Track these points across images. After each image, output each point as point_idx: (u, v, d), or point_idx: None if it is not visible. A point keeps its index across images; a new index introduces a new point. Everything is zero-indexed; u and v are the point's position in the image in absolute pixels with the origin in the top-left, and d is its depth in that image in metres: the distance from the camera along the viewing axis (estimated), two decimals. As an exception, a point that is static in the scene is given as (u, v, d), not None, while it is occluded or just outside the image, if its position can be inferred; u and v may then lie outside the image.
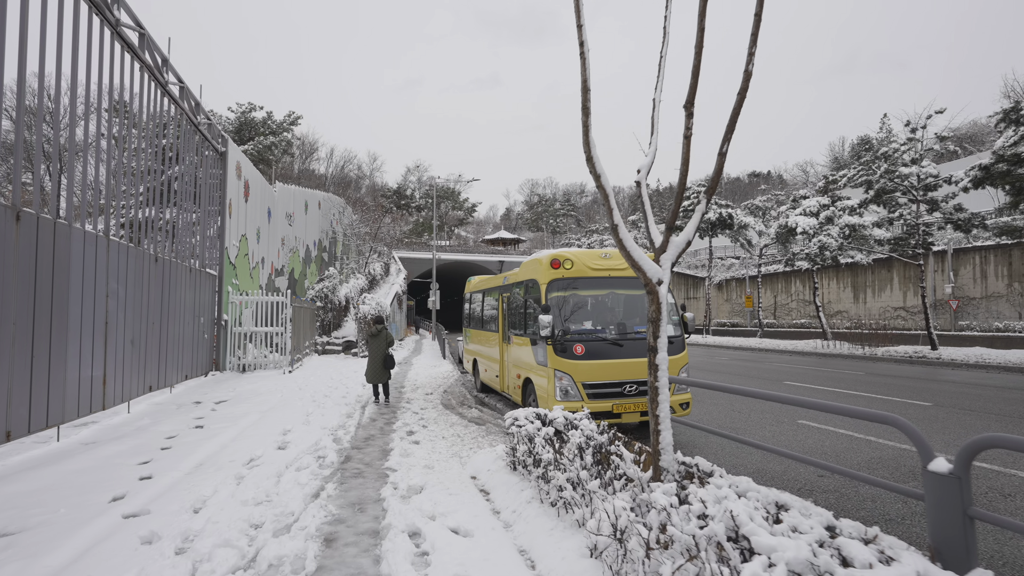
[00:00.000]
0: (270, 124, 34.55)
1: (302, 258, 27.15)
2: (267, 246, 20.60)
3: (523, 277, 9.27)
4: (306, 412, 9.34)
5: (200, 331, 13.57)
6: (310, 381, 13.72)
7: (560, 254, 8.36)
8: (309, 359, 18.91)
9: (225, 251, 15.23)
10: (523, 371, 9.06)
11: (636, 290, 8.58)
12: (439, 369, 17.75)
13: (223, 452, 6.49)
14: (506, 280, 10.56)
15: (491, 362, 11.51)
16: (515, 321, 9.69)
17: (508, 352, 10.15)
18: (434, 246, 39.01)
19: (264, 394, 11.49)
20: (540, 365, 8.20)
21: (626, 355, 7.85)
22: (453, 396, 12.44)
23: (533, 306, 8.75)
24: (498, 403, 11.58)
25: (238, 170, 16.34)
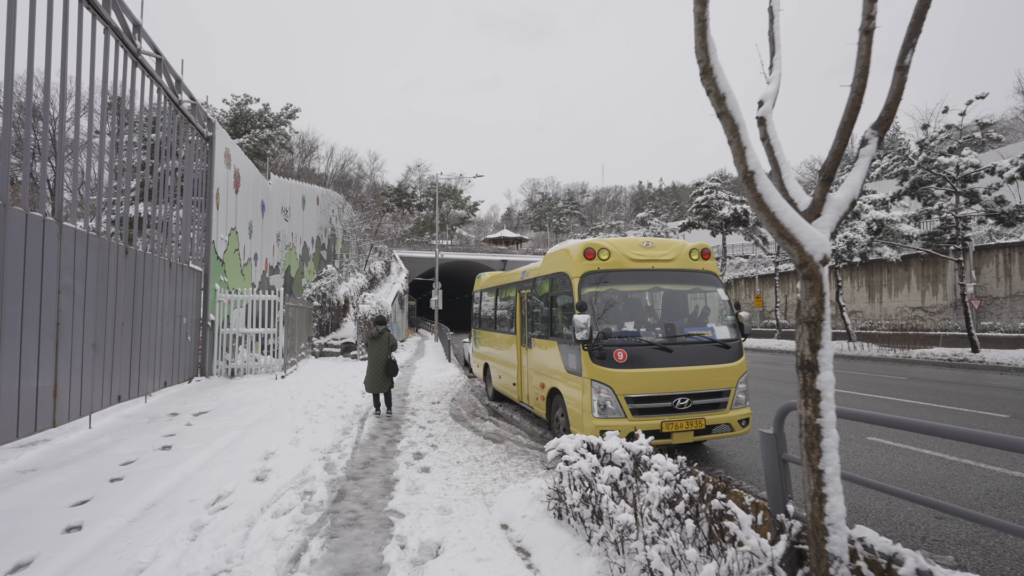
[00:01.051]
0: (267, 117, 33.22)
1: (299, 255, 25.86)
2: (260, 242, 19.31)
3: (548, 271, 7.97)
4: (296, 427, 8.05)
5: (182, 333, 12.28)
6: (304, 388, 12.42)
7: (595, 243, 7.06)
8: (305, 362, 17.63)
9: (212, 245, 13.94)
10: (548, 380, 7.77)
11: (684, 285, 7.28)
12: (445, 373, 16.45)
13: (186, 486, 5.19)
14: (525, 275, 9.26)
15: (506, 368, 10.21)
16: (537, 322, 8.39)
17: (528, 357, 8.86)
18: (437, 244, 37.73)
19: (251, 404, 10.20)
20: (572, 374, 6.90)
21: (676, 362, 6.56)
22: (462, 405, 11.15)
23: (561, 304, 7.46)
24: (514, 414, 10.28)
25: (227, 157, 15.06)
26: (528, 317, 8.95)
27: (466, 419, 9.66)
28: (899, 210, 22.18)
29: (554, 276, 7.70)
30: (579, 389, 6.67)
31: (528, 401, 8.93)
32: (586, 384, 6.50)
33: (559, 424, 7.45)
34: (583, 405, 6.55)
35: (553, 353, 7.55)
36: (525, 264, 11.09)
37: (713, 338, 6.90)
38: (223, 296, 14.21)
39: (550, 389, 7.72)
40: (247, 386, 12.41)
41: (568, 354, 7.03)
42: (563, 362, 7.18)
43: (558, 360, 7.36)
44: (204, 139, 13.79)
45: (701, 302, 7.35)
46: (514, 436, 8.30)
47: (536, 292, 8.52)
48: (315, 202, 29.87)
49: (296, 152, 62.88)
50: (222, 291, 14.33)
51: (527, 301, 9.05)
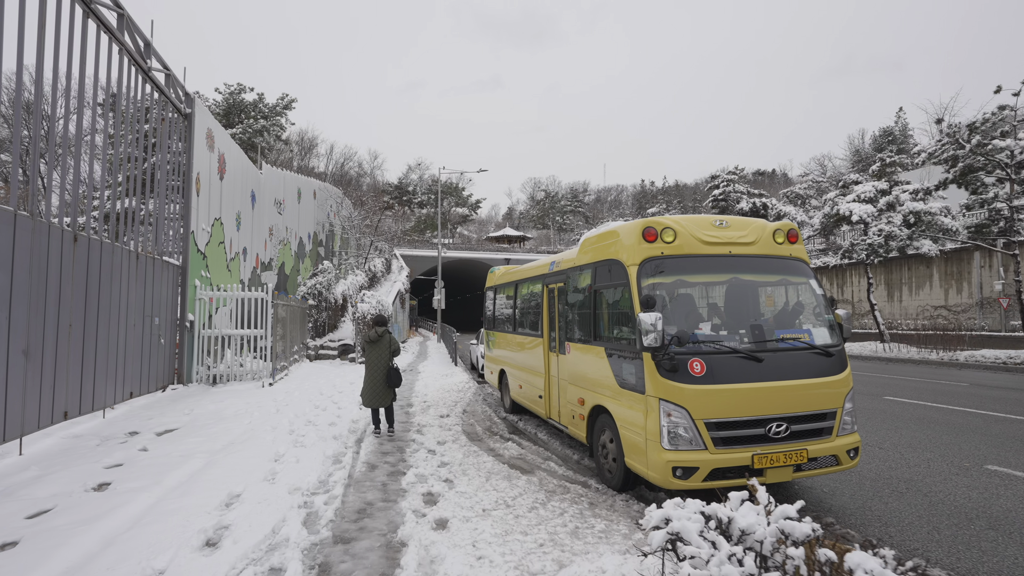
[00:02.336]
0: (261, 107, 31.60)
1: (294, 252, 24.31)
2: (250, 235, 17.75)
3: (590, 259, 6.39)
4: (275, 454, 6.48)
5: (154, 335, 10.72)
6: (294, 397, 10.86)
7: (656, 221, 5.48)
8: (298, 366, 16.06)
9: (191, 236, 12.38)
10: (590, 395, 6.20)
11: (769, 275, 5.71)
12: (452, 379, 14.88)
13: (99, 560, 3.63)
14: (555, 266, 7.69)
15: (528, 376, 8.65)
16: (574, 323, 6.82)
17: (560, 366, 7.29)
18: (439, 241, 36.20)
19: (228, 419, 8.63)
20: (628, 390, 5.34)
21: (768, 375, 4.99)
22: (476, 419, 9.58)
23: (611, 300, 5.89)
24: (539, 430, 8.71)
25: (209, 139, 13.50)
26: (560, 317, 7.38)
27: (483, 438, 8.10)
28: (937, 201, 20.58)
29: (599, 265, 6.13)
30: (640, 410, 5.11)
31: (560, 419, 7.36)
32: (652, 404, 4.93)
33: (606, 452, 5.89)
34: (647, 432, 4.98)
35: (598, 362, 5.99)
36: (529, 262, 9.53)
37: (811, 343, 5.33)
38: (204, 293, 12.65)
39: (593, 407, 6.16)
40: (228, 395, 10.85)
41: (622, 364, 5.47)
42: (614, 374, 5.62)
43: (606, 371, 5.80)
44: (182, 116, 12.23)
45: (791, 297, 5.78)
46: (545, 463, 6.74)
47: (572, 286, 6.95)
48: (312, 196, 28.32)
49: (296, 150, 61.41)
50: (203, 288, 12.77)
51: (558, 298, 7.49)
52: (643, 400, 5.06)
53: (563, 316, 7.25)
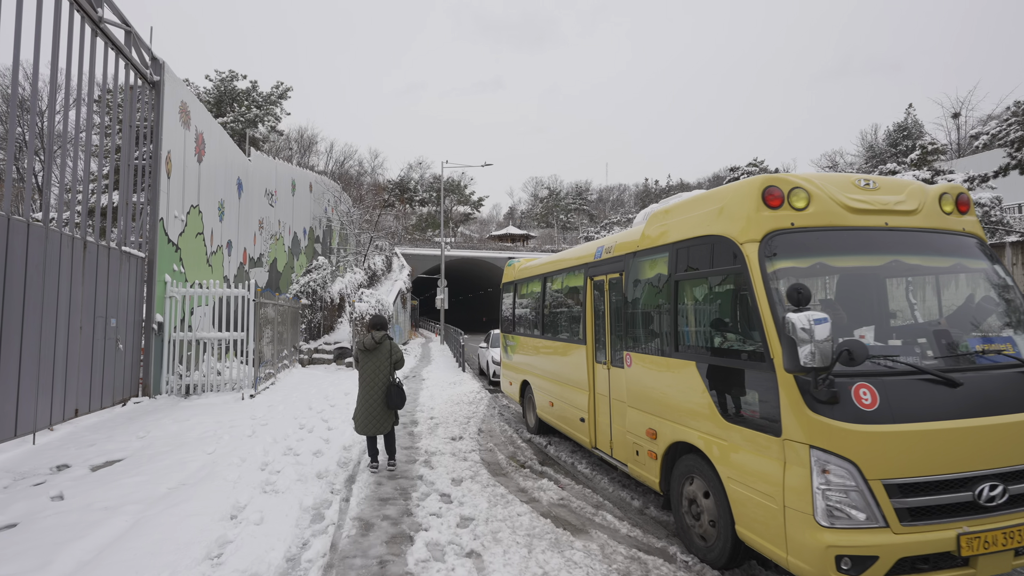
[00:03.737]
0: (255, 96, 29.84)
1: (288, 247, 22.60)
2: (236, 227, 16.03)
3: (669, 236, 4.62)
4: (234, 505, 4.75)
5: (109, 339, 9.00)
6: (276, 413, 9.13)
7: (781, 179, 3.74)
8: (288, 373, 14.33)
9: (160, 224, 10.65)
10: (669, 427, 4.47)
11: (939, 258, 3.97)
12: (460, 388, 13.14)
13: None
14: (603, 252, 5.95)
15: (564, 392, 6.92)
16: (639, 326, 5.08)
17: (616, 382, 5.56)
18: (443, 238, 34.52)
19: (188, 446, 6.90)
20: (743, 427, 3.61)
21: (970, 408, 3.25)
22: (495, 442, 7.85)
23: (711, 294, 4.16)
24: (575, 457, 6.96)
25: (183, 113, 11.77)
26: (614, 318, 5.65)
27: (508, 472, 6.37)
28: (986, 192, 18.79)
29: (684, 247, 4.38)
30: (769, 460, 3.37)
31: (613, 452, 5.63)
32: (795, 454, 3.20)
33: (696, 511, 4.15)
34: (785, 495, 3.25)
35: (683, 382, 4.25)
36: (558, 252, 7.82)
37: (1019, 357, 3.59)
38: (176, 290, 10.92)
39: (672, 444, 4.43)
40: (199, 411, 9.12)
41: (732, 387, 3.74)
42: (715, 401, 3.88)
43: (698, 395, 4.06)
44: (147, 84, 10.50)
45: (971, 289, 4.03)
46: (598, 513, 5.00)
47: (633, 277, 5.20)
48: (307, 188, 26.64)
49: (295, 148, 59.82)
50: (175, 284, 11.05)
51: (610, 293, 5.75)
52: (775, 446, 3.32)
53: (618, 317, 5.51)
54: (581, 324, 6.40)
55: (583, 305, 6.36)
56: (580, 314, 6.50)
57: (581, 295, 6.46)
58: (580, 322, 6.48)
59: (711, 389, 3.94)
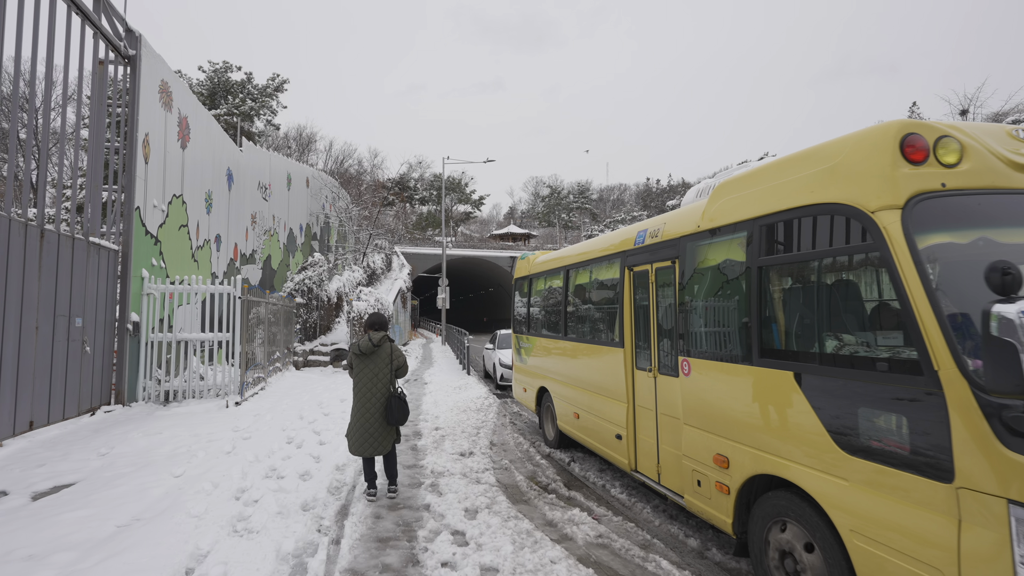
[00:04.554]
0: (250, 89, 28.79)
1: (283, 244, 21.62)
2: (226, 220, 15.03)
3: (749, 210, 3.59)
4: (193, 554, 3.75)
5: (74, 341, 8.00)
6: (263, 424, 8.14)
7: (924, 125, 2.75)
8: (280, 376, 13.33)
9: (137, 213, 9.66)
10: (748, 454, 3.47)
11: None
12: (466, 393, 12.15)
13: None
14: (647, 236, 4.94)
15: (594, 402, 5.93)
16: (701, 324, 4.07)
17: (667, 394, 4.57)
18: (444, 237, 33.52)
19: (155, 465, 5.91)
20: (879, 463, 2.61)
21: None
22: (510, 458, 6.86)
23: (824, 281, 3.15)
24: (603, 476, 5.96)
25: (164, 93, 10.77)
26: (663, 316, 4.66)
27: (530, 498, 5.38)
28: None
29: (770, 223, 3.39)
30: (936, 515, 2.38)
31: (662, 478, 4.63)
32: (983, 509, 2.20)
33: (797, 569, 3.15)
34: (964, 571, 2.25)
35: (777, 396, 3.26)
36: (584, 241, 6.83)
37: None
38: (155, 287, 9.92)
39: (754, 477, 3.44)
40: (176, 422, 8.12)
41: (859, 409, 2.74)
42: (827, 426, 2.89)
43: (800, 415, 3.07)
44: (122, 58, 9.50)
45: None
46: (649, 559, 4.01)
47: (691, 266, 4.20)
48: (304, 183, 25.64)
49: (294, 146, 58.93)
50: (154, 280, 10.04)
51: (657, 285, 4.76)
52: (943, 496, 2.33)
53: (670, 315, 4.52)
54: (617, 323, 5.41)
55: (620, 301, 5.36)
56: (616, 311, 5.51)
57: (617, 289, 5.46)
58: (616, 321, 5.48)
59: (821, 408, 2.94)
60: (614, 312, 5.58)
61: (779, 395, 3.23)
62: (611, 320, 5.68)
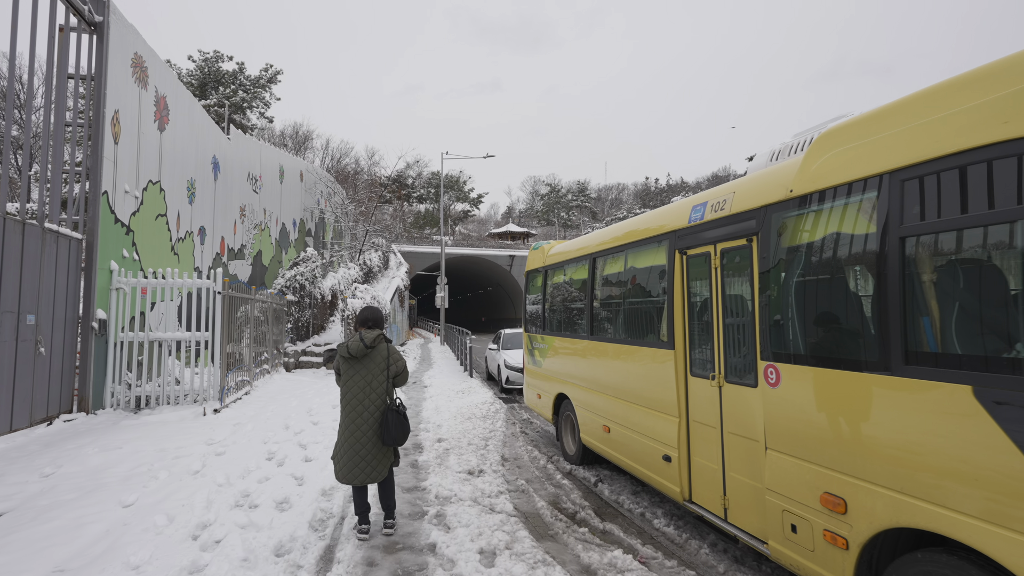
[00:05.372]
0: (242, 79, 27.73)
1: (275, 239, 20.60)
2: (212, 212, 14.02)
3: (882, 162, 2.58)
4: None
5: (27, 340, 7.00)
6: (242, 436, 7.14)
7: None
8: (268, 380, 12.32)
9: (104, 198, 8.65)
10: (886, 501, 2.48)
11: None
12: (470, 398, 11.16)
13: None
14: (710, 210, 3.95)
15: (631, 413, 4.96)
16: (801, 321, 3.07)
17: (734, 408, 3.61)
18: (442, 235, 32.54)
19: (105, 489, 4.92)
20: None
21: None
22: (527, 477, 5.88)
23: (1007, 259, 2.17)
24: (638, 503, 4.97)
25: (138, 68, 9.76)
26: (733, 308, 3.69)
27: (557, 532, 4.41)
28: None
29: (919, 176, 2.41)
30: None
31: (729, 514, 3.65)
32: None
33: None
34: None
35: (940, 420, 2.27)
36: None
37: None
38: (125, 281, 8.91)
39: (890, 530, 2.46)
40: (142, 433, 7.12)
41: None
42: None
43: (985, 450, 2.09)
44: (86, 24, 8.49)
45: None
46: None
47: (783, 242, 3.20)
48: (298, 177, 24.62)
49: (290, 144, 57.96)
50: (124, 273, 9.03)
51: (724, 272, 3.79)
52: None
53: (744, 307, 3.55)
54: (664, 319, 4.43)
55: (668, 292, 4.38)
56: (662, 305, 4.53)
57: (664, 278, 4.48)
58: (661, 317, 4.51)
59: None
60: (659, 306, 4.60)
61: (944, 417, 2.25)
62: (654, 316, 4.70)
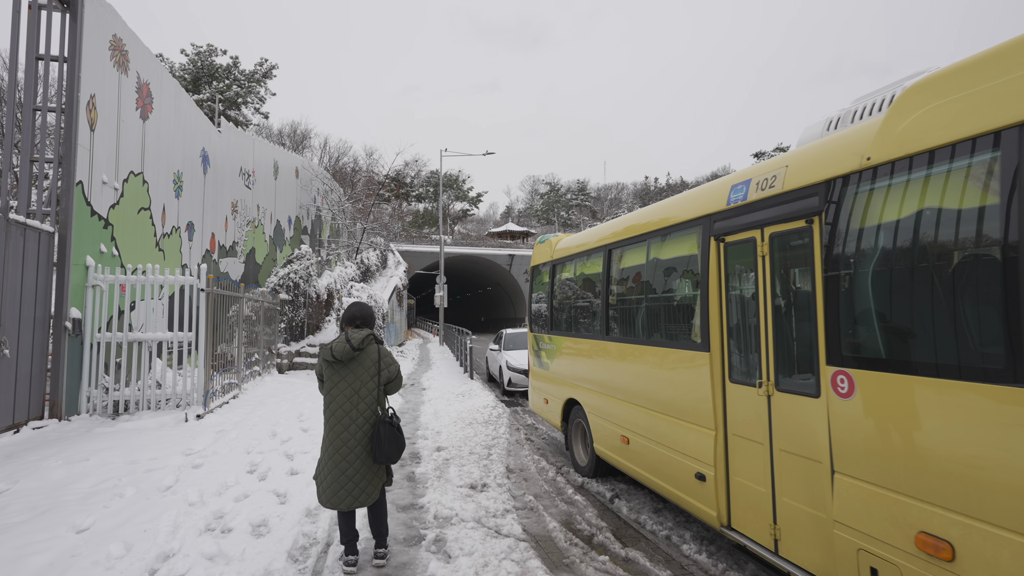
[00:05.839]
0: (236, 74, 27.09)
1: (269, 237, 20.00)
2: (201, 207, 13.44)
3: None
4: None
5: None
6: (223, 445, 6.57)
7: None
8: (258, 382, 11.74)
9: (79, 189, 8.07)
10: (1017, 551, 1.92)
11: None
12: (471, 402, 10.59)
13: None
14: (755, 188, 3.38)
15: (655, 423, 4.39)
16: (883, 318, 2.52)
17: (786, 422, 3.04)
18: (441, 230, 31.98)
19: (62, 509, 4.34)
20: None
21: None
22: (536, 492, 5.31)
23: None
24: (677, 532, 4.40)
25: (117, 51, 9.17)
26: (788, 304, 3.13)
27: (574, 561, 3.85)
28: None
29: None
30: None
31: (780, 546, 3.09)
32: None
33: None
34: None
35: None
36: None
37: None
38: (103, 277, 8.32)
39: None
40: (114, 442, 6.55)
41: None
42: None
43: None
44: (59, 3, 7.90)
45: None
46: None
47: (856, 221, 2.64)
48: (294, 173, 24.03)
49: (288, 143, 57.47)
50: (101, 270, 8.44)
51: (776, 260, 3.22)
52: None
53: (803, 302, 2.99)
54: (697, 317, 3.86)
55: (702, 286, 3.81)
56: (693, 301, 3.97)
57: (696, 270, 3.91)
58: (693, 314, 3.94)
59: None
60: (689, 302, 4.04)
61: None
62: (682, 313, 4.14)
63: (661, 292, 4.53)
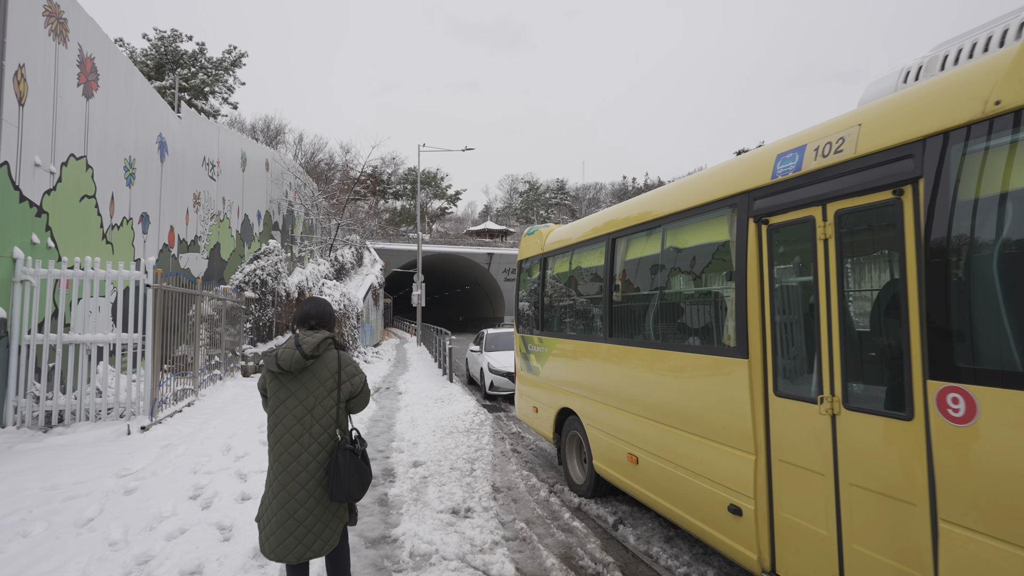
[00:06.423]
0: (203, 61, 25.73)
1: (236, 232, 18.91)
2: (157, 197, 12.39)
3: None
4: None
5: None
6: (166, 464, 5.70)
7: None
8: (218, 387, 10.78)
9: (3, 171, 7.08)
10: None
11: None
12: (451, 408, 9.82)
13: None
14: (816, 154, 2.72)
15: (674, 442, 3.71)
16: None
17: (863, 450, 2.38)
18: (419, 227, 31.09)
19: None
20: None
21: None
22: (527, 517, 4.59)
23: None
24: (701, 568, 3.73)
25: (52, 17, 8.17)
26: (862, 299, 2.47)
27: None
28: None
29: None
30: None
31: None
32: None
33: None
34: None
35: None
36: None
37: None
38: (32, 271, 7.34)
39: None
40: (38, 462, 5.63)
41: None
42: None
43: None
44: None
45: None
46: None
47: (980, 186, 1.99)
48: (264, 166, 22.89)
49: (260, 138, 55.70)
50: (32, 263, 7.46)
51: (839, 246, 2.55)
52: None
53: (888, 298, 2.32)
54: (732, 316, 3.19)
55: (738, 278, 3.14)
56: (724, 296, 3.30)
57: (731, 258, 3.24)
58: (726, 313, 3.27)
59: None
60: (719, 298, 3.37)
61: None
62: (709, 312, 3.47)
63: (680, 287, 3.85)
